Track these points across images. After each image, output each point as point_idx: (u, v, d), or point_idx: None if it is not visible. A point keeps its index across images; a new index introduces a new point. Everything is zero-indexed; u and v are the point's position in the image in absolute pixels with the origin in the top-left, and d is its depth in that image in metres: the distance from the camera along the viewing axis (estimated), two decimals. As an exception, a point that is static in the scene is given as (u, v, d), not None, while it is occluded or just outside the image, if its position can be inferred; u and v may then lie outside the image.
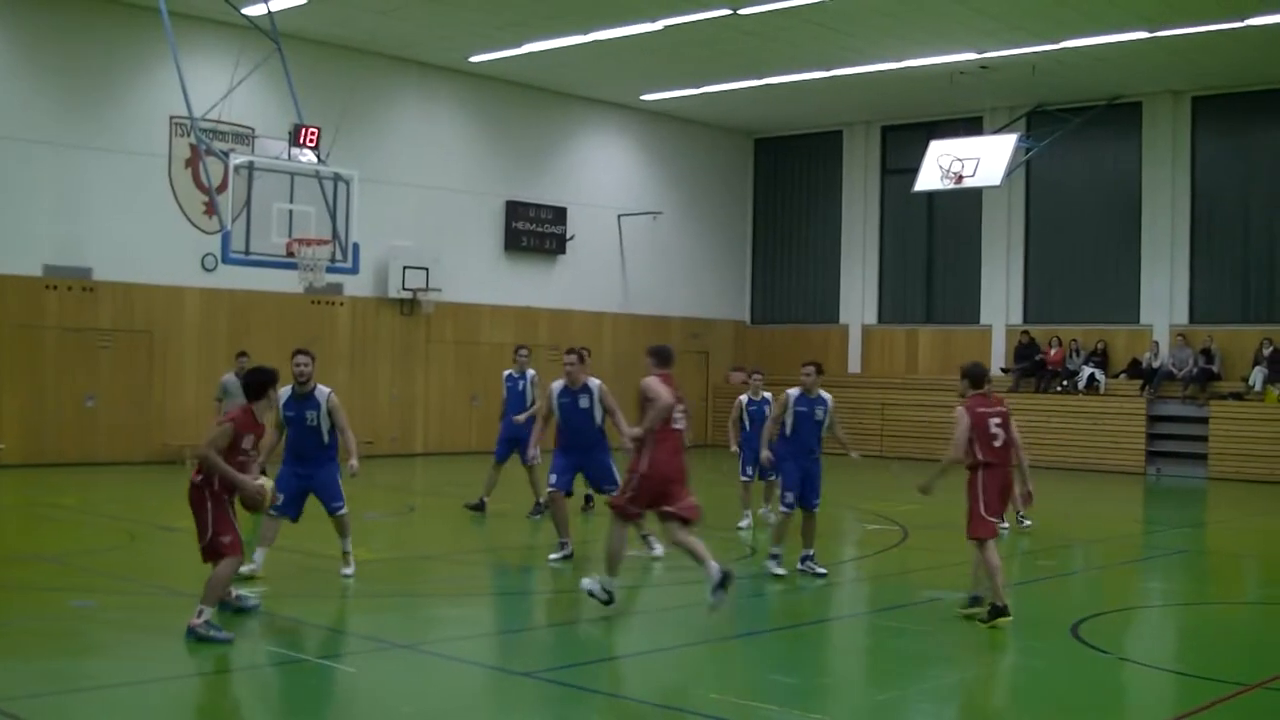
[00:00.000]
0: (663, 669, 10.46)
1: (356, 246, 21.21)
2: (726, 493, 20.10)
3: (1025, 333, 32.64)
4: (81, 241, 25.36)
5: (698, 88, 32.00)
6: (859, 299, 36.29)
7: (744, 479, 18.48)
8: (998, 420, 11.75)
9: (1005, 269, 33.76)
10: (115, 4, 25.39)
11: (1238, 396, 29.55)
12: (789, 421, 14.38)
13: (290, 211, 20.86)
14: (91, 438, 25.54)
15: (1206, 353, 30.06)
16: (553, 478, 14.92)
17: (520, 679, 9.76)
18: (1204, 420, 29.70)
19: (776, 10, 24.75)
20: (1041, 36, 26.37)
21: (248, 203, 20.71)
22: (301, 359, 13.34)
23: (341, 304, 28.96)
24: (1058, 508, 23.80)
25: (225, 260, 20.67)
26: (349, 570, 13.44)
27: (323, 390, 13.33)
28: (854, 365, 36.05)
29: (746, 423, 18.37)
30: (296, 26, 25.79)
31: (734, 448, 18.62)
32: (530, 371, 19.11)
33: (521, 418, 18.59)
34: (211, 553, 10.68)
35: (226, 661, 10.45)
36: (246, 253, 20.50)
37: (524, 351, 19.43)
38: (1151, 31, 25.62)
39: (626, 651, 11.19)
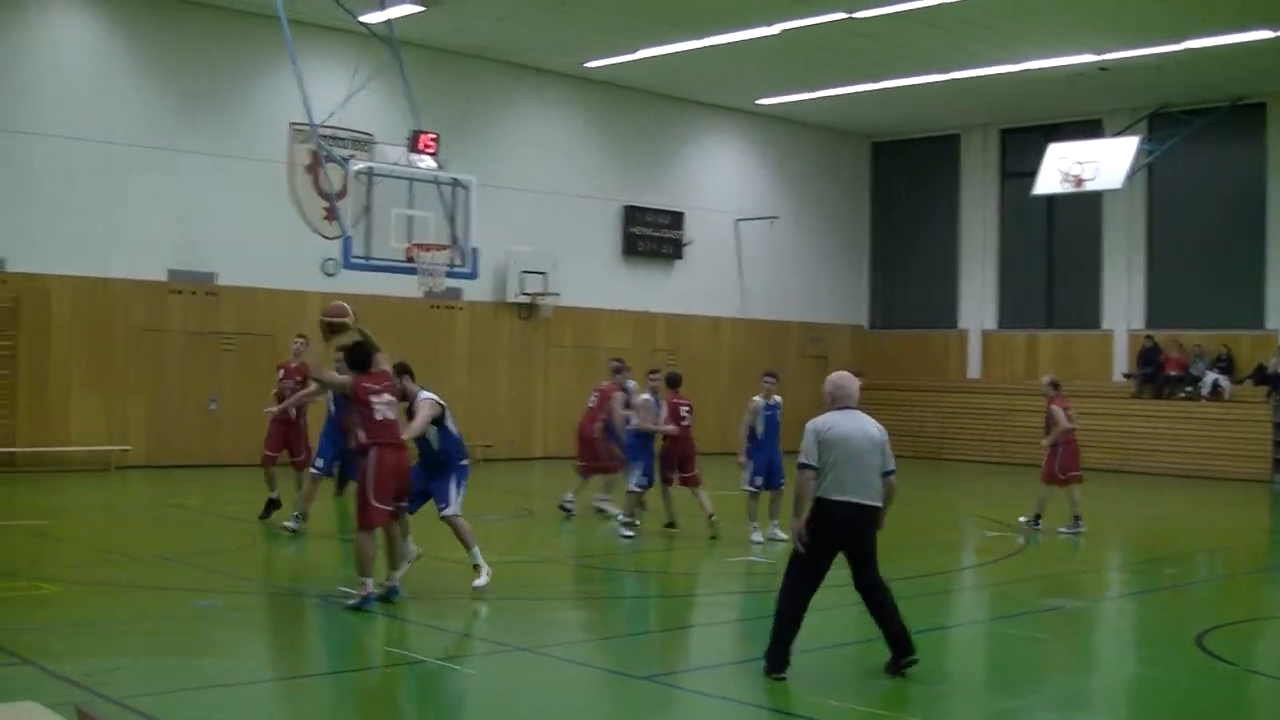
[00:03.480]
0: (790, 673, 10.34)
1: (475, 251, 21.32)
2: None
3: (1149, 337, 32.03)
4: (205, 246, 25.81)
5: (814, 91, 31.84)
6: (978, 303, 35.85)
7: (751, 489, 16.91)
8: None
9: (1126, 273, 33.16)
10: (235, 13, 25.80)
11: (1368, 402, 28.86)
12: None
13: (409, 217, 21.02)
14: (215, 439, 25.96)
15: (1336, 358, 29.40)
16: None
17: (640, 682, 9.77)
18: (1333, 427, 29.03)
19: (893, 13, 24.56)
20: (1162, 37, 25.91)
21: (367, 208, 20.92)
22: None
23: (461, 308, 29.20)
24: (1178, 514, 23.43)
25: (346, 265, 20.82)
26: (481, 581, 12.77)
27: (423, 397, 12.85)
28: (973, 371, 35.60)
29: (759, 429, 16.79)
30: (414, 33, 26.04)
31: (742, 458, 16.99)
32: (631, 383, 19.36)
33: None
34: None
35: (345, 662, 10.58)
36: (367, 258, 20.70)
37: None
38: (1275, 31, 25.07)
39: (748, 656, 11.07)
